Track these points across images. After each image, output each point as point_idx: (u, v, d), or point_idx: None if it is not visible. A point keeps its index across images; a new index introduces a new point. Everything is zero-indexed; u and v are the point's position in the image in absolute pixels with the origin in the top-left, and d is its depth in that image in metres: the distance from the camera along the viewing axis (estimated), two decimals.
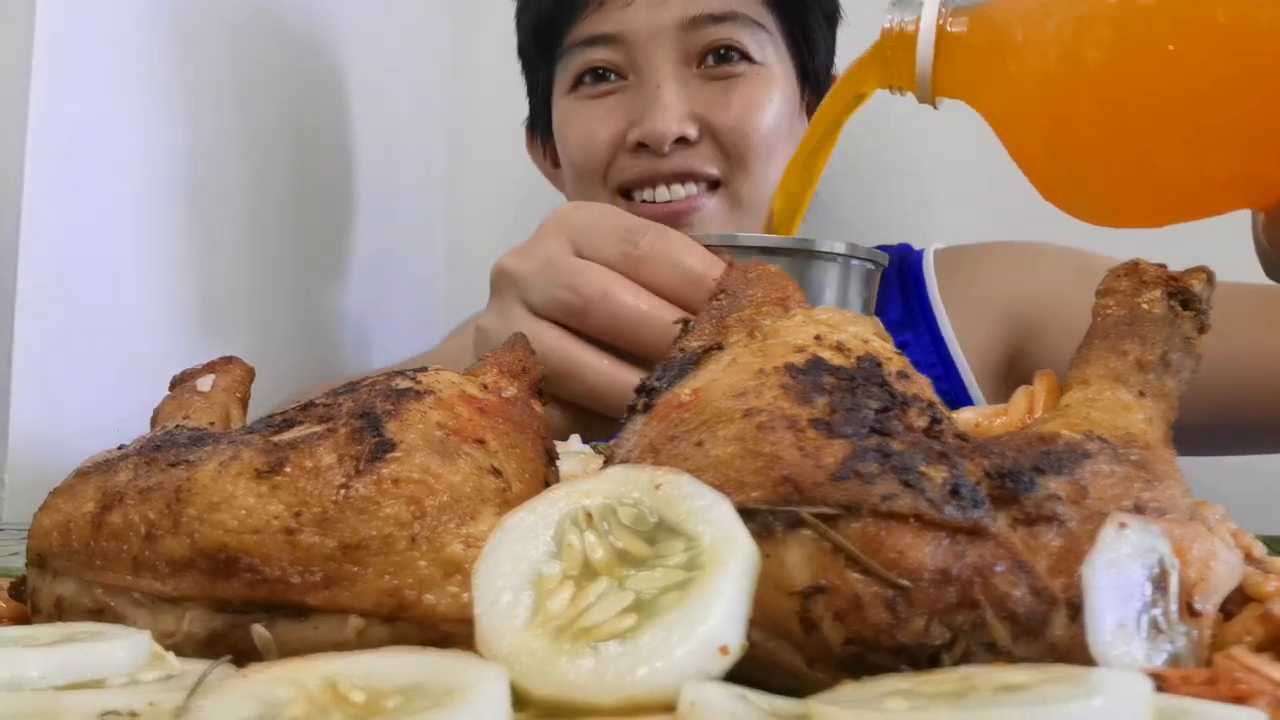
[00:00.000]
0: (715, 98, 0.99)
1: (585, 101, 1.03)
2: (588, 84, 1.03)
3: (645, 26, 0.98)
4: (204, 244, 1.02)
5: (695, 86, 0.99)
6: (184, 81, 0.98)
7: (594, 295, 0.63)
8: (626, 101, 1.01)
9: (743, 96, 0.99)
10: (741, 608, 0.28)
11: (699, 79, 1.00)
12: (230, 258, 1.06)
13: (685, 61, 0.99)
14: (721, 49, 0.99)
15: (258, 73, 1.10)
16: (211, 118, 1.02)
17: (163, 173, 0.96)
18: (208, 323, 1.02)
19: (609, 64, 1.01)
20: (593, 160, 1.02)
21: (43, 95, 0.82)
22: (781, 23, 1.03)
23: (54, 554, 0.36)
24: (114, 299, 0.90)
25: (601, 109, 1.02)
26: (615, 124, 1.00)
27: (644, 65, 0.99)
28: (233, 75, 1.06)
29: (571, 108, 1.04)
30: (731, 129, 0.98)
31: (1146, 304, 0.40)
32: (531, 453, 0.39)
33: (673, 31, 0.98)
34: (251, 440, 0.36)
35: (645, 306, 0.62)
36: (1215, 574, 0.33)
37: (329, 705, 0.26)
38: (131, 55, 0.92)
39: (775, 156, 1.00)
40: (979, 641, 0.30)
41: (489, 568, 0.29)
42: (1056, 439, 0.34)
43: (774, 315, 0.40)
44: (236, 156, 1.07)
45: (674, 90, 0.97)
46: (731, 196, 1.00)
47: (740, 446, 0.32)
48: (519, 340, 0.47)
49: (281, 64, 1.13)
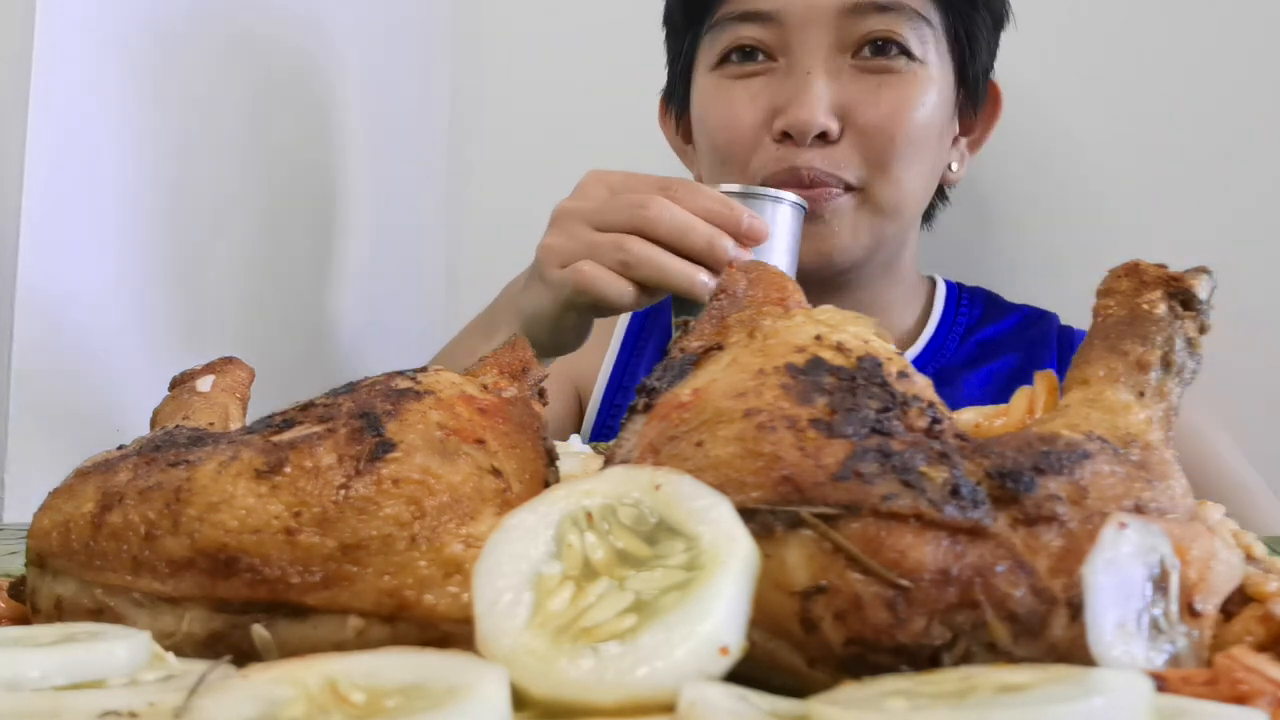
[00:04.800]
0: (866, 93, 0.93)
1: (730, 81, 0.97)
2: (734, 62, 0.97)
3: (803, 7, 0.93)
4: (204, 244, 1.02)
5: (847, 78, 0.93)
6: (184, 86, 0.98)
7: (657, 209, 0.76)
8: (774, 85, 0.95)
9: (895, 94, 0.93)
10: (742, 608, 0.28)
11: (852, 70, 0.94)
12: (231, 260, 1.06)
13: (841, 49, 0.94)
14: (880, 40, 0.93)
15: (257, 78, 1.10)
16: (213, 122, 1.02)
17: (164, 176, 0.96)
18: (208, 323, 1.02)
19: (760, 43, 0.96)
20: (735, 146, 0.96)
21: (42, 99, 0.82)
22: (946, 19, 0.97)
23: (54, 554, 0.36)
24: (114, 299, 0.90)
25: (747, 91, 0.96)
26: (760, 108, 0.95)
27: (796, 48, 0.94)
28: (232, 82, 1.06)
29: (716, 85, 0.98)
30: (877, 129, 0.93)
31: (1147, 304, 0.40)
32: (531, 453, 0.39)
33: (832, 16, 0.93)
34: (251, 440, 0.36)
35: (694, 216, 0.77)
36: (1216, 574, 0.33)
37: (329, 705, 0.26)
38: (128, 63, 0.92)
39: (919, 161, 0.95)
40: (979, 642, 0.30)
41: (489, 568, 0.29)
42: (1057, 439, 0.34)
43: (774, 315, 0.40)
44: (237, 161, 1.07)
45: (824, 80, 0.92)
46: (868, 199, 0.95)
47: (740, 446, 0.32)
48: (519, 340, 0.47)
49: (282, 70, 1.13)
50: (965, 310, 1.10)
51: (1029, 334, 1.08)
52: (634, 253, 0.77)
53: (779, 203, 0.81)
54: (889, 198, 0.94)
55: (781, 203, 0.81)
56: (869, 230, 0.95)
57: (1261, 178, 1.15)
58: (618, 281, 0.77)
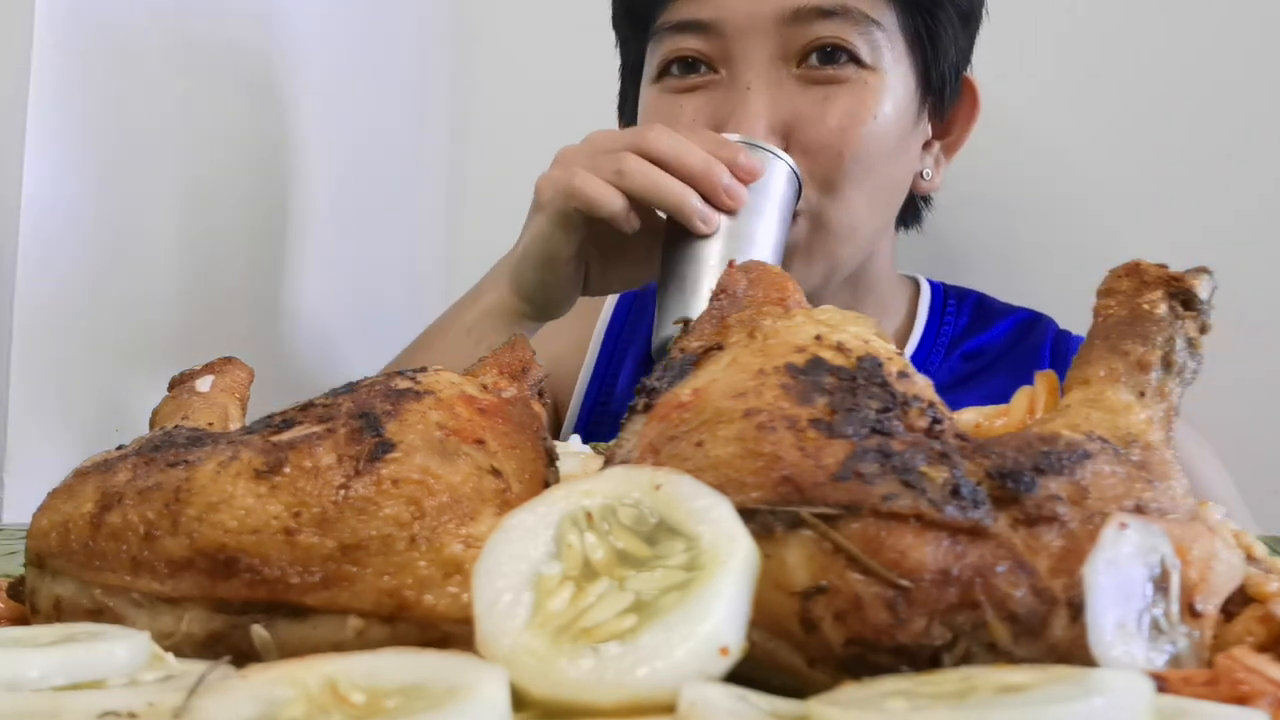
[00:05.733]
0: (812, 106, 0.86)
1: (671, 95, 0.91)
2: (675, 75, 0.91)
3: (743, 15, 0.87)
4: (204, 244, 1.02)
5: (791, 90, 0.87)
6: (184, 86, 0.98)
7: (656, 132, 0.78)
8: (717, 99, 0.89)
9: (842, 108, 0.86)
10: (742, 608, 0.28)
11: (796, 81, 0.87)
12: (232, 260, 1.06)
13: (784, 59, 0.87)
14: (827, 48, 0.86)
15: (258, 78, 1.09)
16: (213, 121, 1.02)
17: (164, 175, 0.96)
18: (207, 323, 1.02)
19: (700, 54, 0.89)
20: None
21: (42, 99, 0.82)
22: (904, 19, 0.89)
23: (53, 554, 0.36)
24: (114, 299, 0.90)
25: (688, 106, 0.90)
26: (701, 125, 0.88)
27: (738, 60, 0.88)
28: (232, 81, 1.06)
29: (658, 99, 0.93)
30: (824, 146, 0.86)
31: (1148, 304, 0.40)
32: (531, 453, 0.39)
33: (772, 24, 0.86)
34: (250, 440, 0.36)
35: (683, 140, 0.78)
36: (1216, 574, 0.33)
37: (329, 705, 0.26)
38: (128, 62, 0.92)
39: (873, 178, 0.88)
40: (980, 642, 0.30)
41: (489, 568, 0.29)
42: (1057, 439, 0.34)
43: (774, 315, 0.40)
44: (238, 161, 1.07)
45: (764, 95, 0.86)
46: (819, 224, 0.88)
47: (740, 446, 0.32)
48: (519, 340, 0.47)
49: (282, 71, 1.13)
50: (951, 318, 1.05)
51: (1020, 347, 1.03)
52: (628, 165, 0.77)
53: (776, 160, 0.80)
54: (841, 220, 0.88)
55: (779, 161, 0.80)
56: (823, 255, 0.89)
57: (1262, 178, 1.15)
58: (609, 189, 0.77)
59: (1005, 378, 0.99)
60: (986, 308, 1.08)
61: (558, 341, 1.09)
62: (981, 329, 1.05)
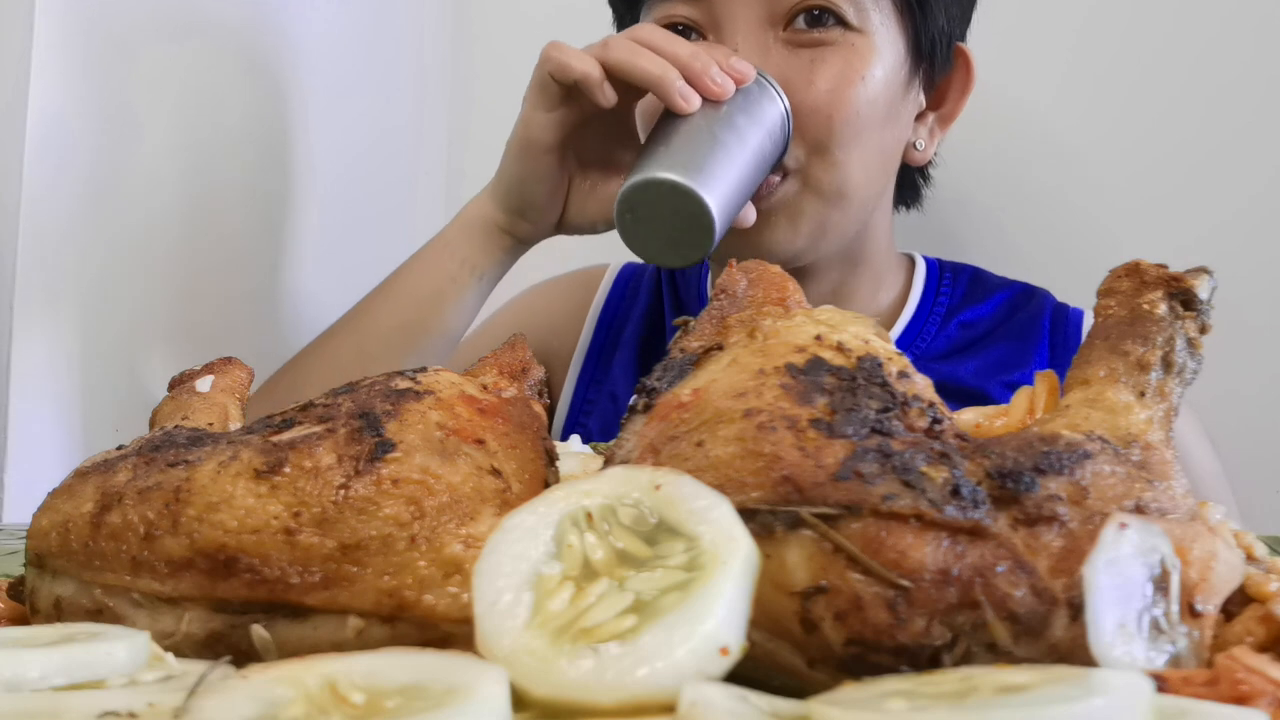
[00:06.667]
0: (799, 71, 0.86)
1: None
2: None
3: None
4: (204, 244, 1.02)
5: (779, 54, 0.87)
6: (184, 86, 0.98)
7: (649, 26, 0.80)
8: None
9: (831, 71, 0.86)
10: (742, 608, 0.28)
11: (784, 45, 0.87)
12: (232, 260, 1.06)
13: (771, 23, 0.87)
14: (815, 10, 0.86)
15: (257, 78, 1.09)
16: (213, 121, 1.02)
17: (165, 176, 0.96)
18: (207, 323, 1.02)
19: (691, 21, 0.89)
20: None
21: (42, 99, 0.82)
22: None
23: (53, 554, 0.36)
24: (114, 299, 0.90)
25: None
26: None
27: (725, 24, 0.88)
28: (231, 81, 1.06)
29: None
30: (813, 110, 0.85)
31: (1148, 304, 0.40)
32: (531, 453, 0.39)
33: None
34: (250, 440, 0.36)
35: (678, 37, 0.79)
36: (1216, 574, 0.33)
37: (329, 705, 0.26)
38: (128, 62, 0.92)
39: (863, 141, 0.88)
40: (980, 642, 0.30)
41: (489, 568, 0.29)
42: (1057, 439, 0.34)
43: (774, 315, 0.40)
44: (239, 162, 1.07)
45: (751, 59, 0.85)
46: (808, 184, 0.88)
47: (740, 446, 0.32)
48: (518, 341, 0.47)
49: (282, 71, 1.13)
50: (947, 291, 1.05)
51: (1017, 317, 1.03)
52: (613, 41, 0.78)
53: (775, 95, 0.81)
54: (830, 182, 0.88)
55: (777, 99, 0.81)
56: (811, 217, 0.89)
57: (1261, 178, 1.15)
58: (585, 56, 0.78)
59: (1004, 346, 1.00)
60: (982, 280, 1.08)
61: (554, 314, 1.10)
62: (978, 300, 1.05)
